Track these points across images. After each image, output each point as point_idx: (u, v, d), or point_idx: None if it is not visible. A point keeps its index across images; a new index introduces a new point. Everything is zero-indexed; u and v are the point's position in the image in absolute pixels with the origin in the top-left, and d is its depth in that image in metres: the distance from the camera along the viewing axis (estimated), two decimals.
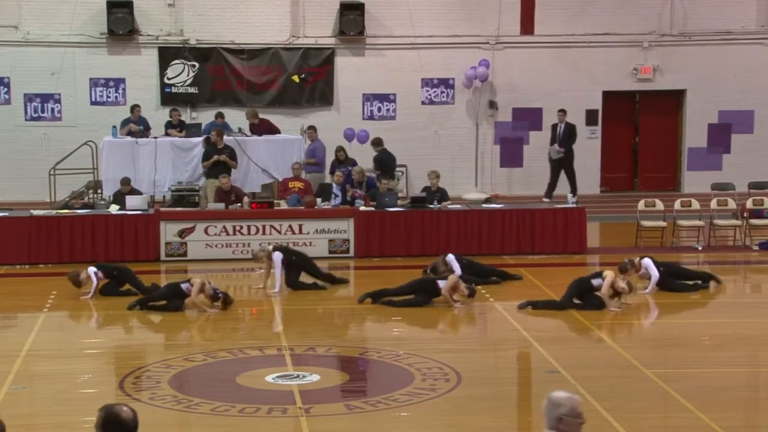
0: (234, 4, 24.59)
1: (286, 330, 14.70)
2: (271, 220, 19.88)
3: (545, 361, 13.16)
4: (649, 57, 25.47)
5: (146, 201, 20.36)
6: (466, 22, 25.05)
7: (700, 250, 20.72)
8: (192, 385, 12.36)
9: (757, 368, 13.35)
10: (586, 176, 24.84)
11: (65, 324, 15.39)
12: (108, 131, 22.46)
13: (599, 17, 25.15)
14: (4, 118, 23.97)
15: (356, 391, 12.24)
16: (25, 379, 12.49)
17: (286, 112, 24.61)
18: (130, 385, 12.18)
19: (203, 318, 15.99)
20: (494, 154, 25.33)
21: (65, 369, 13.35)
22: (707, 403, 11.21)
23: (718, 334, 14.58)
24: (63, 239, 19.24)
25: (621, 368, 12.64)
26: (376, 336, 15.17)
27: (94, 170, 22.74)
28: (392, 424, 10.98)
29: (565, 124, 24.15)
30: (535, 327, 14.80)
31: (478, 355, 13.89)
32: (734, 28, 25.36)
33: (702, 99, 25.49)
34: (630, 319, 16.05)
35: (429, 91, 25.35)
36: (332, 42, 25.00)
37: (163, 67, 24.67)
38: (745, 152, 24.88)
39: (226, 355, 13.58)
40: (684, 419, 10.71)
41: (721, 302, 17.00)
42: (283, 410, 11.25)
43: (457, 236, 20.05)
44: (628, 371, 12.50)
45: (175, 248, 19.80)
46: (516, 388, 12.53)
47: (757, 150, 25.07)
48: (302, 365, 13.00)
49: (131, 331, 15.82)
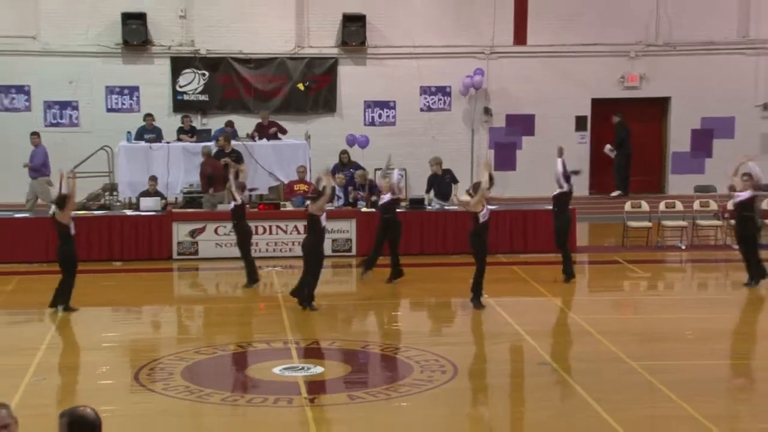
0: (242, 16, 24.61)
1: (291, 325, 14.72)
2: (278, 221, 19.91)
3: (537, 353, 13.18)
4: (635, 66, 25.49)
5: (159, 202, 20.39)
6: (462, 33, 25.07)
7: (683, 249, 20.75)
8: (203, 376, 12.38)
9: (736, 360, 13.36)
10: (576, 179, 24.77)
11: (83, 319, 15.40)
12: (123, 137, 22.48)
13: (588, 28, 25.17)
14: (24, 125, 23.96)
15: (358, 382, 12.24)
16: (45, 371, 12.51)
17: (291, 118, 24.60)
18: (144, 376, 12.20)
19: (214, 313, 16.04)
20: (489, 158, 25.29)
21: (83, 361, 13.41)
22: (690, 394, 11.22)
23: (701, 329, 14.59)
24: (80, 238, 19.20)
25: (609, 361, 12.65)
26: (377, 330, 15.19)
27: (109, 173, 22.75)
28: (392, 414, 10.99)
29: (618, 122, 24.75)
30: (527, 321, 14.81)
31: (473, 348, 13.92)
32: (716, 38, 25.37)
33: (686, 106, 25.51)
34: (617, 314, 16.10)
35: (427, 98, 25.36)
36: (335, 52, 25.02)
37: (175, 75, 24.69)
38: (726, 156, 24.84)
39: (236, 348, 13.62)
40: (669, 409, 10.73)
41: (703, 298, 17.04)
42: (289, 400, 11.26)
43: (454, 236, 20.06)
44: (616, 364, 12.51)
45: (186, 247, 19.83)
46: (509, 379, 12.53)
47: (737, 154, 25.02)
48: (307, 358, 13.03)
49: (145, 326, 15.85)
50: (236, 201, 16.98)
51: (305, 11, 24.88)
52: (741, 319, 15.56)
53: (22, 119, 24.18)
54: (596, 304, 16.71)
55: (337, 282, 17.71)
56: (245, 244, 17.24)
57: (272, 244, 19.87)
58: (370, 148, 23.33)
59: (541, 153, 24.44)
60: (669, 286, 18.83)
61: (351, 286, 18.91)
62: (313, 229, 15.52)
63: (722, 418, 10.59)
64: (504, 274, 17.98)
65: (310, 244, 15.53)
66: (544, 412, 11.12)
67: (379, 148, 23.43)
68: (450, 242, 20.10)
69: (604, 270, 19.56)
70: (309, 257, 15.50)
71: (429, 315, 16.35)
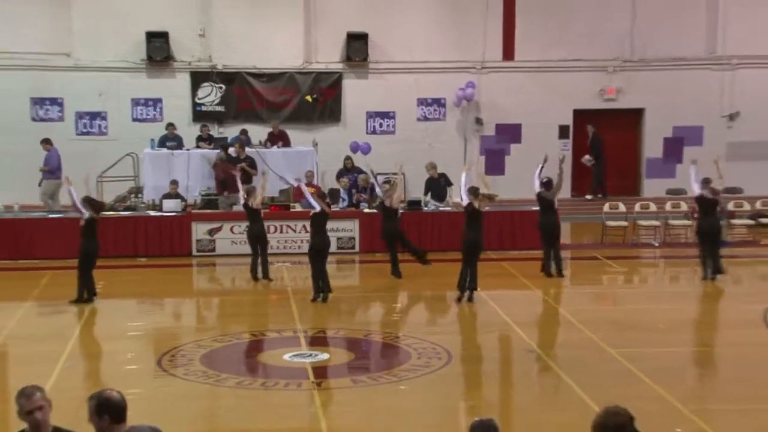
0: (255, 35, 24.59)
1: (300, 315, 14.72)
2: (288, 221, 19.90)
3: (524, 342, 13.19)
4: (613, 80, 25.46)
5: (180, 204, 20.38)
6: (455, 50, 25.04)
7: (656, 246, 20.74)
8: (220, 362, 12.38)
9: (703, 348, 13.37)
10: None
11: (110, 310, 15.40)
12: (147, 144, 22.47)
13: (570, 46, 25.14)
14: (58, 133, 23.94)
15: (361, 367, 12.25)
16: (76, 357, 12.52)
17: (300, 127, 24.58)
18: (167, 362, 12.20)
19: (229, 304, 16.05)
20: (480, 164, 25.29)
21: (110, 349, 13.39)
22: (662, 378, 11.23)
23: (671, 319, 14.60)
24: (108, 237, 19.20)
25: (589, 349, 12.65)
26: (379, 320, 15.18)
27: (135, 177, 22.75)
28: (392, 396, 10.99)
29: (593, 135, 24.62)
30: (516, 313, 14.81)
31: (466, 337, 13.92)
32: (686, 55, 25.35)
33: (658, 116, 25.47)
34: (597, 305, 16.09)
35: (424, 109, 25.34)
36: (340, 67, 25.00)
37: (195, 88, 24.67)
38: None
39: (249, 337, 13.61)
40: (643, 391, 10.72)
41: (674, 291, 17.03)
42: (298, 384, 11.27)
43: (448, 234, 20.03)
44: (596, 351, 12.51)
45: (204, 245, 19.82)
46: (499, 365, 12.53)
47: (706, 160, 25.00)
48: (314, 345, 13.03)
49: (167, 316, 15.86)
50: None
51: (313, 30, 24.86)
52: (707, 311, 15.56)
53: (56, 128, 24.15)
54: (578, 297, 16.70)
55: (341, 276, 17.69)
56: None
57: (282, 242, 19.86)
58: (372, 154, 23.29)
59: (528, 159, 24.42)
60: (643, 280, 18.82)
61: (354, 280, 18.92)
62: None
63: (689, 398, 10.60)
64: (494, 270, 17.95)
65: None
66: (530, 394, 11.14)
67: (380, 155, 23.46)
68: (445, 240, 20.08)
69: (585, 265, 19.56)
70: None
71: (426, 307, 16.35)
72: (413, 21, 24.94)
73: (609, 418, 4.84)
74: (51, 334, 13.92)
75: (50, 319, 15.38)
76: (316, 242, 15.62)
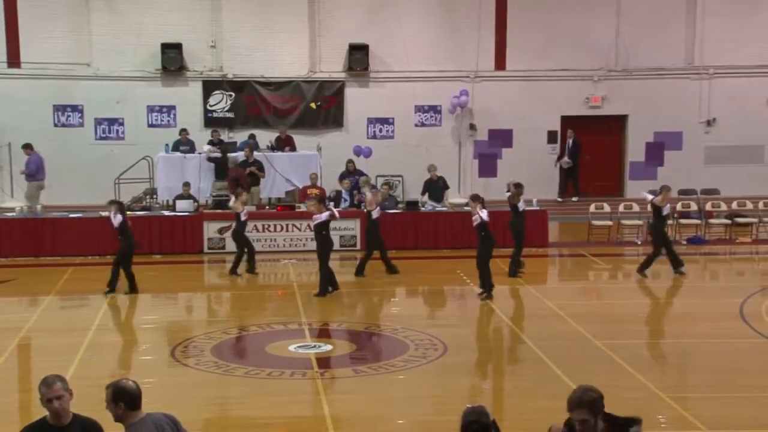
0: (263, 46, 24.57)
1: (305, 309, 14.70)
2: (293, 220, 19.88)
3: (515, 334, 13.18)
4: (598, 88, 25.45)
5: (192, 204, 20.36)
6: (450, 60, 25.03)
7: (639, 244, 20.72)
8: (229, 353, 12.37)
9: (682, 339, 13.34)
10: (548, 184, 24.85)
11: (127, 303, 15.39)
12: (162, 148, 22.45)
13: (558, 56, 25.13)
14: (78, 138, 23.97)
15: (362, 358, 12.24)
16: (96, 348, 12.50)
17: (305, 132, 24.57)
18: (179, 353, 12.19)
19: (238, 299, 16.02)
20: (474, 167, 25.30)
21: (127, 340, 13.40)
22: (644, 367, 11.24)
23: (653, 312, 14.58)
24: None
25: (575, 339, 12.65)
26: (378, 314, 15.17)
27: (150, 180, 22.73)
28: (391, 385, 10.98)
29: (573, 140, 24.43)
30: (507, 306, 14.82)
31: (461, 330, 13.89)
32: (666, 65, 25.34)
33: (641, 122, 25.45)
34: (583, 300, 16.07)
35: (421, 115, 25.31)
36: (343, 76, 24.98)
37: (206, 96, 24.65)
38: (675, 165, 24.83)
39: (257, 329, 13.60)
40: (626, 380, 10.72)
41: (655, 286, 17.01)
42: (303, 374, 11.26)
43: (444, 233, 20.05)
44: (582, 342, 12.50)
45: (215, 242, 19.80)
46: (491, 355, 12.52)
47: (685, 164, 25.05)
48: (318, 337, 13.02)
49: (180, 310, 15.84)
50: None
51: (317, 42, 24.85)
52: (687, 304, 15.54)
53: (76, 134, 24.19)
54: (565, 292, 16.69)
55: (343, 273, 17.65)
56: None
57: (288, 240, 19.85)
58: (373, 157, 23.29)
59: (519, 162, 24.48)
60: (627, 275, 18.76)
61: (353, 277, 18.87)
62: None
63: (669, 387, 10.59)
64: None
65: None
66: (520, 382, 11.13)
67: (380, 158, 23.49)
68: (441, 239, 20.07)
69: (571, 262, 19.55)
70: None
71: (423, 301, 16.34)
72: (411, 33, 24.92)
73: (583, 393, 5.44)
74: (71, 326, 13.91)
75: (71, 312, 15.37)
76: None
